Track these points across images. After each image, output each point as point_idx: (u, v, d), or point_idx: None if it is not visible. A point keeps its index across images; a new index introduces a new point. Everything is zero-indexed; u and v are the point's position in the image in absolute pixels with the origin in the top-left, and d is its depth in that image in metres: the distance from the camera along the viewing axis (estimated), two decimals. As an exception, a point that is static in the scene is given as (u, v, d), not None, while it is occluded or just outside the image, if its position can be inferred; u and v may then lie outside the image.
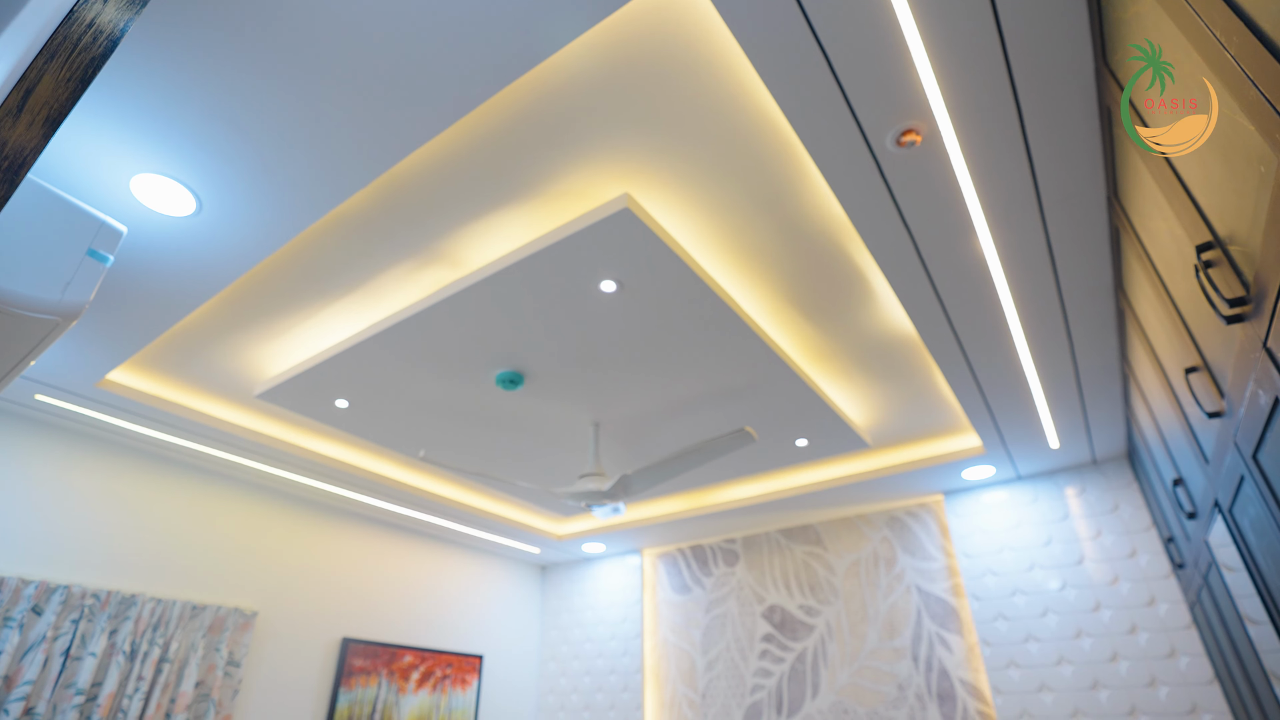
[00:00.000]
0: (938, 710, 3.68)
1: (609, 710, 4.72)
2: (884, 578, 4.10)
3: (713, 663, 4.50)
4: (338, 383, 2.89)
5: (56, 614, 2.96)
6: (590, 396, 2.95)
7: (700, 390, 2.93)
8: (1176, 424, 1.98)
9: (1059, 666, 3.33)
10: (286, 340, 2.76)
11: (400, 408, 3.10)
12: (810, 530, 4.49)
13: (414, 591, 4.54)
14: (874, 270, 2.35)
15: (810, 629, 4.22)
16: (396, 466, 3.93)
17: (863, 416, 3.37)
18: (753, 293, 2.47)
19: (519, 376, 2.71)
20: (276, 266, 2.34)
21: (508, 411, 3.13)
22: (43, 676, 2.89)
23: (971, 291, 2.23)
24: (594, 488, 2.68)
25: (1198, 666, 3.05)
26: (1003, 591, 3.59)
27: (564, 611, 5.31)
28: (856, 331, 2.71)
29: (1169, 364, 1.81)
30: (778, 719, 4.12)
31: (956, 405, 3.25)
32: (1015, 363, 2.64)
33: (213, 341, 2.76)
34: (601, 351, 2.63)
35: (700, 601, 4.73)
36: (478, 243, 2.23)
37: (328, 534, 4.18)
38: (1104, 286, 2.19)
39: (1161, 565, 3.27)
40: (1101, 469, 3.58)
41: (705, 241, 2.22)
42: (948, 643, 3.78)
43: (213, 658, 3.42)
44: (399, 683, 4.21)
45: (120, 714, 3.04)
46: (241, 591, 3.68)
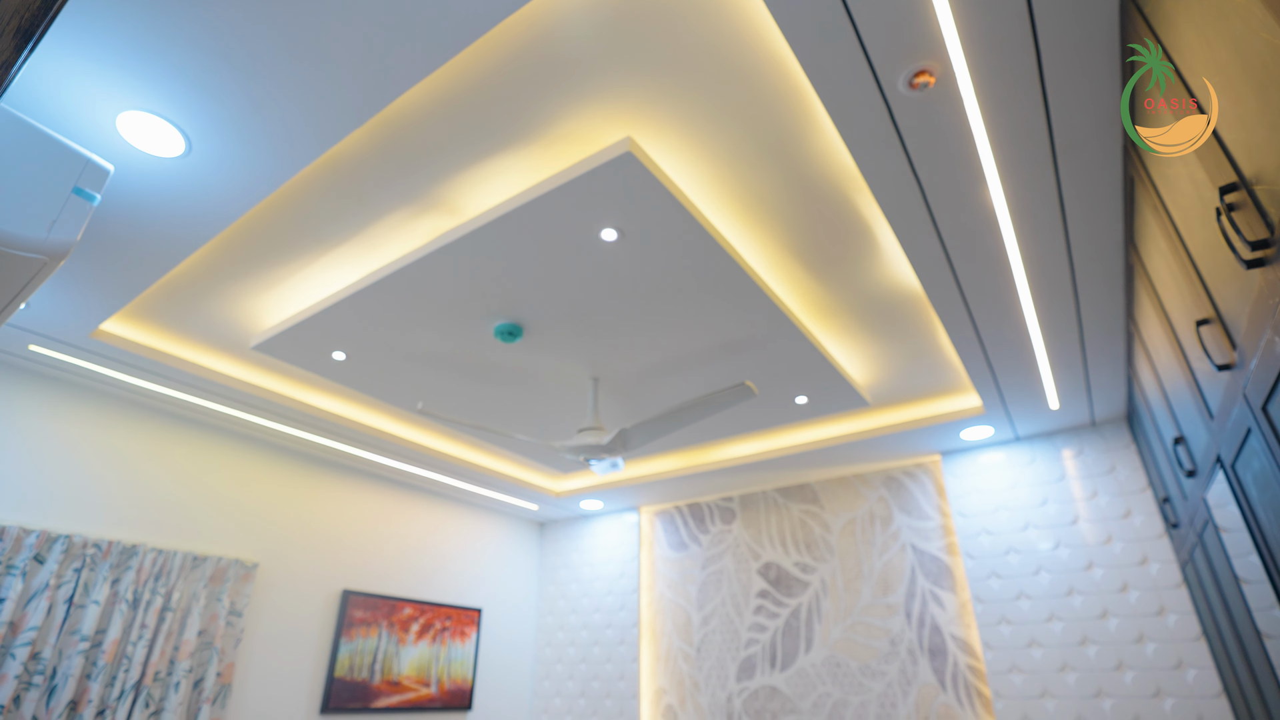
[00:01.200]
0: (928, 664, 3.74)
1: (605, 663, 4.81)
2: (879, 536, 4.14)
3: (708, 618, 4.57)
4: (334, 334, 2.86)
5: (59, 563, 2.97)
6: (589, 350, 2.92)
7: (700, 345, 2.91)
8: (1181, 380, 1.96)
9: (1049, 623, 3.38)
10: (282, 291, 2.72)
11: (398, 360, 3.08)
12: (807, 489, 4.52)
13: (413, 546, 4.58)
14: (880, 222, 2.30)
15: (805, 585, 4.28)
16: (396, 422, 3.92)
17: (863, 374, 3.35)
18: (755, 244, 2.43)
19: (518, 328, 2.68)
20: (270, 214, 2.29)
21: (506, 365, 3.10)
22: (47, 623, 2.92)
23: (979, 245, 2.19)
24: (593, 441, 2.68)
25: (1185, 624, 3.09)
26: (997, 550, 3.63)
27: (561, 567, 5.37)
28: (860, 286, 2.67)
29: (1178, 318, 1.78)
30: (771, 672, 4.20)
31: (958, 364, 3.23)
32: (1019, 320, 2.61)
33: (207, 292, 2.72)
34: (601, 303, 2.59)
35: (697, 558, 4.78)
36: (476, 189, 2.18)
37: (327, 489, 4.19)
38: (1114, 241, 2.15)
39: (1155, 525, 3.29)
40: (1100, 430, 3.58)
41: (708, 190, 2.17)
42: (940, 600, 3.83)
43: (215, 607, 3.45)
44: (399, 634, 4.27)
45: (125, 660, 3.08)
46: (242, 543, 3.71)
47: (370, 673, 4.06)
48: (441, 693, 4.40)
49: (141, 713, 3.07)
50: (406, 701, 4.19)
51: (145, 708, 3.09)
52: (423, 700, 4.28)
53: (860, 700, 3.87)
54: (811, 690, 4.03)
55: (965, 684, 3.62)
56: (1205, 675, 2.99)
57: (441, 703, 4.38)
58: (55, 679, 2.91)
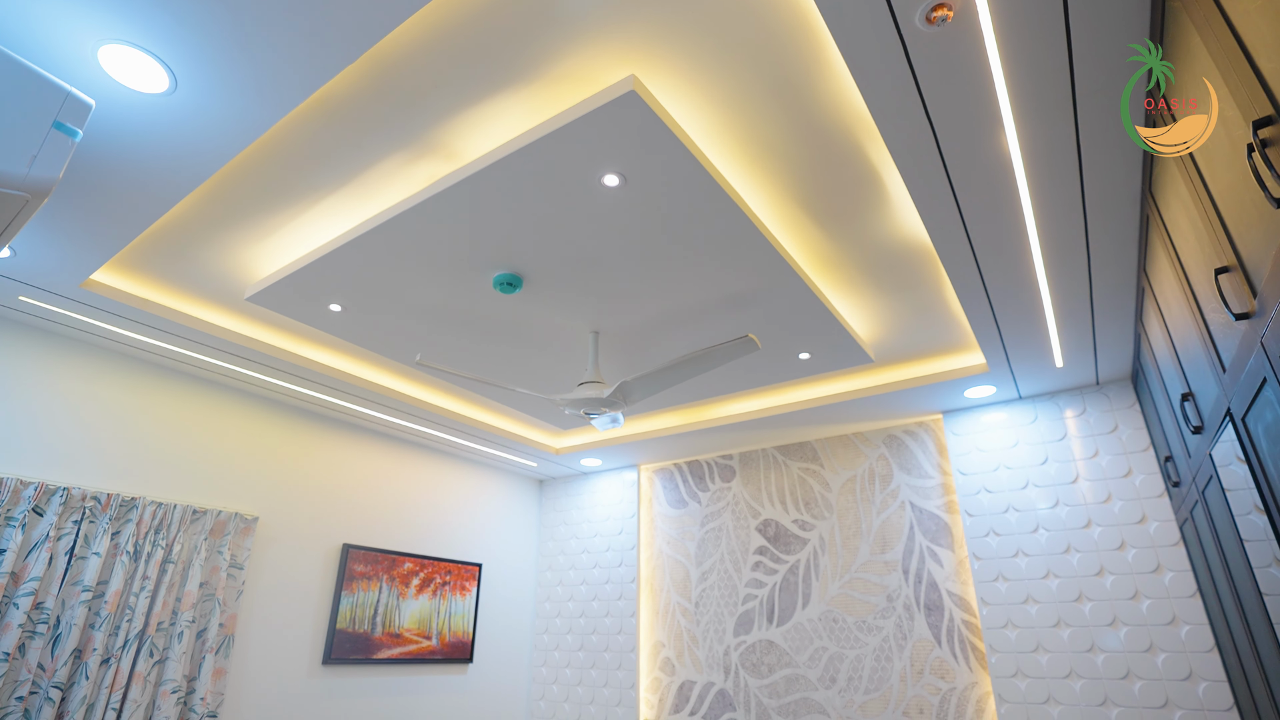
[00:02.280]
0: (924, 620, 3.79)
1: (604, 617, 4.87)
2: (879, 494, 4.15)
3: (706, 574, 4.61)
4: (330, 285, 2.80)
5: (57, 514, 2.97)
6: (590, 302, 2.88)
7: (702, 298, 2.86)
8: (1194, 334, 1.92)
9: (1046, 580, 3.40)
10: (276, 240, 2.66)
11: (396, 312, 3.03)
12: (808, 447, 4.52)
13: (413, 502, 4.60)
14: (890, 171, 2.24)
15: (804, 542, 4.31)
16: (395, 377, 3.89)
17: (867, 331, 3.32)
18: (761, 193, 2.36)
19: (517, 279, 2.63)
20: (262, 158, 2.22)
21: (506, 318, 3.06)
22: (49, 574, 2.93)
23: (991, 195, 2.13)
24: (593, 395, 2.65)
25: (1182, 581, 3.11)
26: (996, 508, 3.64)
27: (561, 524, 5.41)
28: (866, 239, 2.61)
29: (1194, 268, 1.74)
30: (769, 626, 4.26)
31: (963, 321, 3.19)
32: (1029, 275, 2.56)
33: (200, 241, 2.66)
34: (602, 253, 2.54)
35: (696, 515, 4.81)
36: (473, 132, 2.11)
37: (327, 444, 4.19)
38: (1131, 191, 2.09)
39: (1156, 485, 3.29)
40: (1104, 390, 3.56)
41: (713, 135, 2.10)
42: (938, 557, 3.86)
43: (215, 560, 3.47)
44: (399, 588, 4.31)
45: (128, 610, 3.11)
46: (241, 497, 3.71)
47: (372, 625, 4.11)
48: (443, 645, 4.47)
49: (146, 661, 3.11)
50: (408, 653, 4.25)
51: (150, 656, 3.13)
52: (424, 652, 4.34)
53: (856, 654, 3.92)
54: (808, 644, 4.09)
55: (960, 639, 3.66)
56: (1199, 631, 3.02)
57: (443, 655, 4.45)
58: (59, 628, 2.93)
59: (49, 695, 2.81)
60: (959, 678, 3.61)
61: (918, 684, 3.70)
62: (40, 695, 2.82)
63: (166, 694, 3.14)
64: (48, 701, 2.81)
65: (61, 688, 2.85)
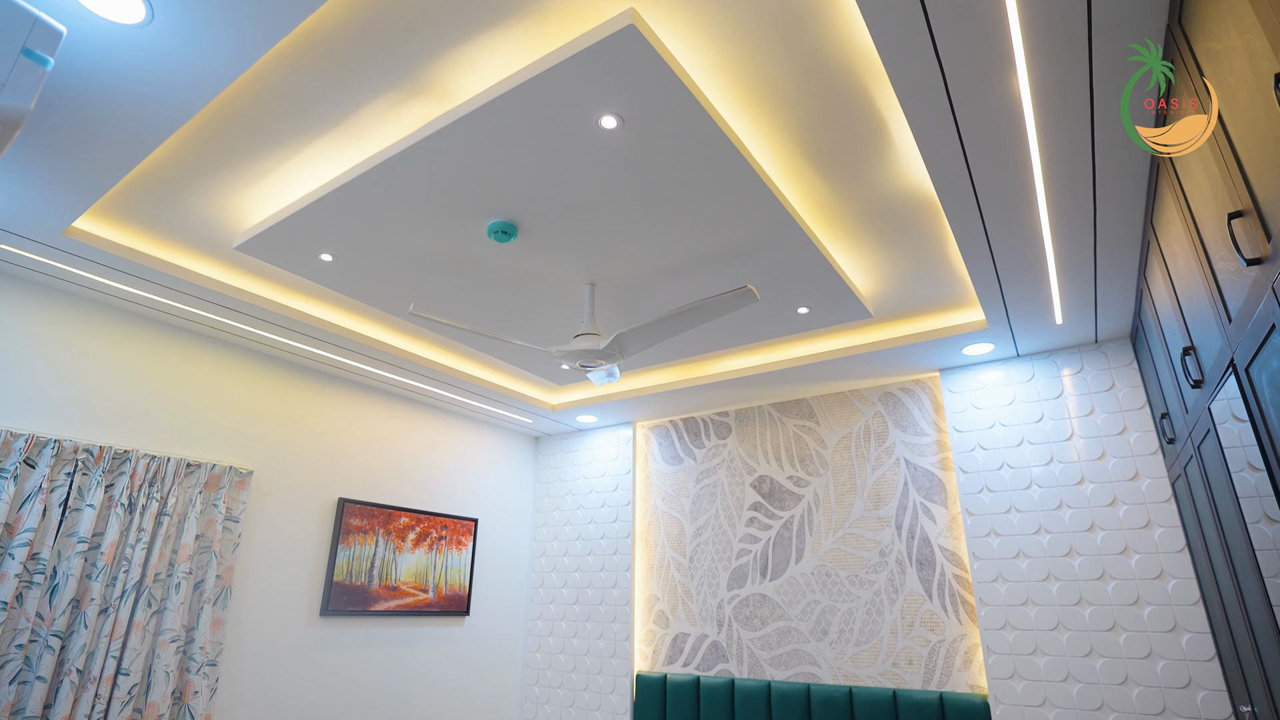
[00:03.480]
0: (916, 574, 3.83)
1: (599, 571, 4.92)
2: (874, 451, 4.17)
3: (701, 529, 4.65)
4: (321, 233, 2.74)
5: (50, 466, 2.95)
6: (586, 252, 2.82)
7: (701, 248, 2.81)
8: (1200, 285, 1.89)
9: (1038, 535, 3.44)
10: (264, 186, 2.59)
11: (388, 262, 2.98)
12: (803, 404, 4.52)
13: (409, 457, 4.60)
14: (895, 116, 2.17)
15: (798, 499, 4.34)
16: (389, 331, 3.85)
17: (866, 285, 3.28)
18: (763, 138, 2.30)
19: (512, 227, 2.57)
20: (248, 99, 2.14)
21: (501, 268, 3.00)
22: (43, 525, 2.93)
23: (998, 142, 2.07)
24: (589, 347, 2.61)
25: (1171, 537, 3.15)
26: (990, 465, 3.65)
27: (556, 481, 5.43)
28: (869, 189, 2.56)
29: (1206, 216, 1.70)
30: (762, 580, 4.31)
31: (964, 276, 3.15)
32: (1033, 227, 2.51)
33: (186, 188, 2.59)
34: (599, 200, 2.48)
35: (691, 472, 4.83)
36: (466, 71, 2.03)
37: (321, 399, 4.16)
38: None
39: (1150, 443, 3.30)
40: (1102, 348, 3.55)
41: (714, 75, 2.03)
42: (931, 513, 3.89)
43: (211, 513, 3.47)
44: (396, 542, 4.34)
45: (125, 561, 3.11)
46: (235, 451, 3.69)
47: (369, 578, 4.14)
48: (439, 598, 4.52)
49: (144, 611, 3.13)
50: (405, 606, 4.30)
51: (148, 607, 3.15)
52: (421, 605, 4.39)
53: (848, 607, 3.98)
54: (800, 598, 4.15)
55: (951, 592, 3.72)
56: (1185, 585, 3.07)
57: (439, 608, 4.50)
58: (56, 578, 2.93)
59: (49, 643, 2.83)
60: (948, 630, 3.67)
61: (908, 636, 3.77)
62: (40, 643, 2.84)
63: (166, 643, 3.17)
64: (48, 649, 2.83)
65: (61, 636, 2.87)
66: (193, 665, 3.26)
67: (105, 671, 2.96)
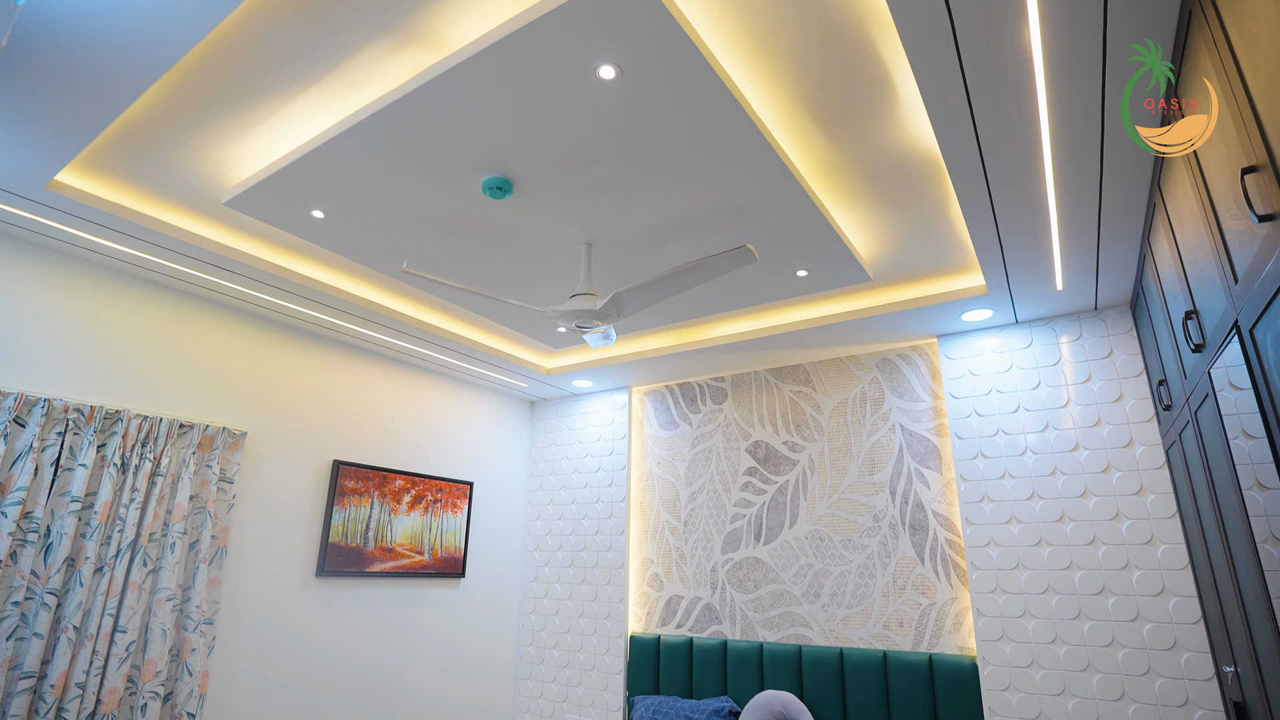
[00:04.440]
0: (909, 539, 3.87)
1: (594, 535, 4.96)
2: (870, 417, 4.17)
3: (696, 493, 4.67)
4: (311, 188, 2.68)
5: (40, 425, 2.93)
6: (583, 210, 2.77)
7: (699, 207, 2.76)
8: (1207, 247, 1.86)
9: (1030, 501, 3.46)
10: (253, 139, 2.52)
11: (381, 219, 2.92)
12: (800, 370, 4.51)
13: (404, 420, 4.58)
14: (902, 71, 2.11)
15: (793, 464, 4.35)
16: (383, 292, 3.80)
17: (866, 248, 3.24)
18: (765, 92, 2.24)
19: (507, 184, 2.51)
20: (233, 47, 2.07)
21: (496, 226, 2.95)
22: (35, 484, 2.91)
23: (1006, 98, 2.02)
24: (585, 307, 2.58)
25: (1162, 503, 3.17)
26: (986, 431, 3.66)
27: (552, 445, 5.44)
28: (872, 148, 2.50)
29: (1218, 173, 1.66)
30: (756, 544, 4.35)
31: (965, 241, 3.12)
32: (1038, 189, 2.47)
33: (172, 141, 2.52)
34: (596, 155, 2.42)
35: (687, 437, 4.84)
36: (460, 17, 1.96)
37: (315, 360, 4.13)
38: (1155, 93, 1.99)
39: (1146, 410, 3.30)
40: (1102, 315, 3.53)
41: (717, 24, 1.96)
42: (925, 478, 3.91)
43: (205, 473, 3.46)
44: (391, 504, 4.35)
45: (119, 520, 3.10)
46: (228, 412, 3.67)
47: (364, 539, 4.16)
48: (435, 560, 4.55)
49: (140, 570, 3.13)
50: (401, 567, 4.32)
51: (143, 565, 3.15)
52: (417, 566, 4.42)
53: (840, 571, 4.02)
54: (794, 561, 4.18)
55: (943, 557, 3.75)
56: (1174, 550, 3.10)
57: (435, 569, 4.53)
58: (50, 537, 2.93)
59: (44, 601, 2.84)
60: (939, 594, 3.72)
61: (899, 599, 3.81)
62: (36, 601, 2.84)
63: (162, 601, 3.18)
64: (44, 607, 2.83)
65: (56, 594, 2.87)
66: (189, 624, 3.28)
67: (102, 629, 2.97)
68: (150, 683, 3.09)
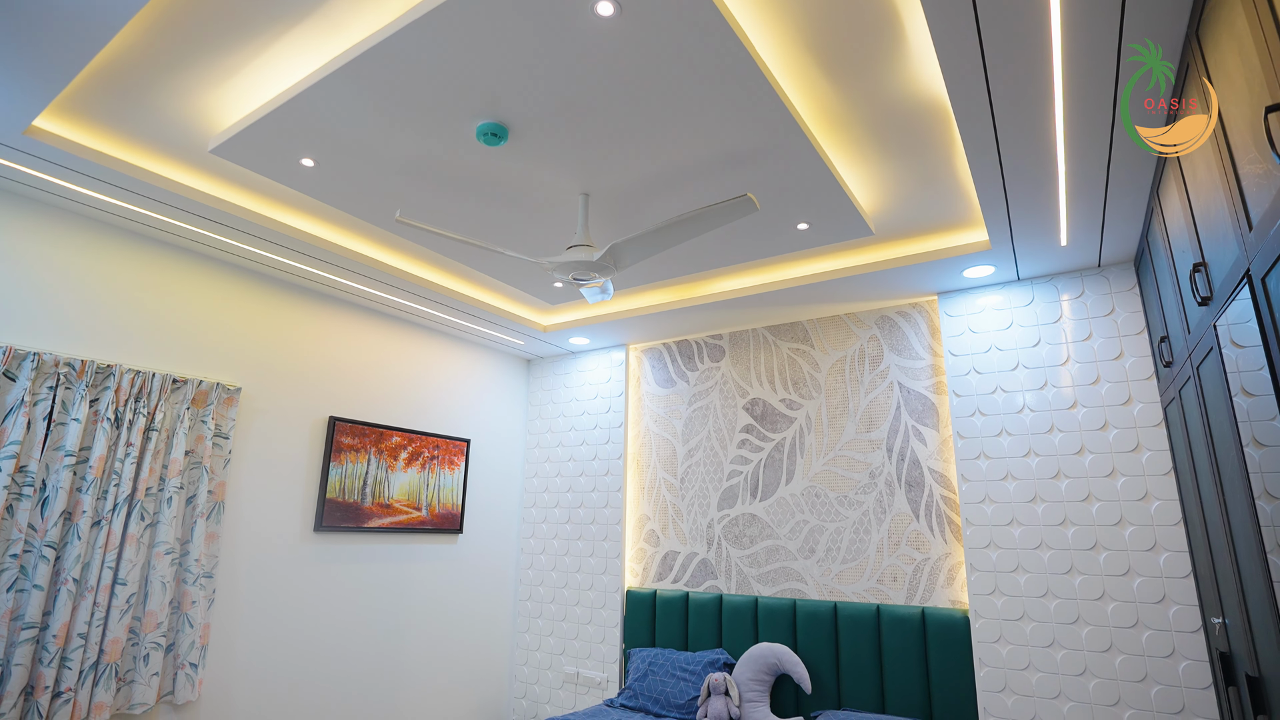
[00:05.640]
0: (904, 495, 3.89)
1: (591, 492, 4.98)
2: (868, 375, 4.16)
3: (693, 451, 4.68)
4: (301, 135, 2.60)
5: (30, 379, 2.89)
6: (580, 158, 2.69)
7: (699, 155, 2.68)
8: (1220, 194, 1.81)
9: (1027, 458, 3.47)
10: (238, 82, 2.43)
11: (373, 168, 2.84)
12: (798, 328, 4.48)
13: (400, 377, 4.56)
14: (911, 10, 2.03)
15: (790, 421, 4.35)
16: (377, 247, 3.73)
17: (869, 201, 3.17)
18: (769, 33, 2.15)
19: (502, 129, 2.43)
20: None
21: (491, 176, 2.88)
22: (28, 438, 2.89)
23: (1019, 43, 1.95)
24: (582, 258, 2.53)
25: (1158, 460, 3.18)
26: (984, 388, 3.65)
27: (548, 403, 5.43)
28: (878, 94, 2.43)
29: (1238, 116, 1.61)
30: (752, 500, 4.38)
31: (969, 194, 3.06)
32: (1047, 139, 2.41)
33: (154, 84, 2.43)
34: (594, 98, 2.34)
35: (684, 395, 4.83)
36: (449, -52, 1.87)
37: (309, 316, 4.08)
38: (1175, 34, 1.91)
39: (1145, 368, 3.29)
40: (1105, 272, 3.49)
41: (721, -42, 1.88)
42: (922, 435, 3.91)
43: (200, 429, 3.44)
44: (388, 460, 4.35)
45: (115, 475, 3.09)
46: (222, 367, 3.63)
47: (361, 495, 4.17)
48: (432, 516, 4.57)
49: (138, 524, 3.13)
50: (398, 523, 4.34)
51: (141, 520, 3.15)
52: (414, 522, 4.44)
53: (835, 527, 4.06)
54: (789, 517, 4.22)
55: (938, 513, 3.78)
56: (1168, 507, 3.12)
57: (433, 525, 4.56)
58: (46, 491, 2.92)
59: (43, 554, 2.84)
60: (933, 549, 3.75)
61: (893, 554, 3.85)
62: (34, 554, 2.84)
63: (160, 555, 3.19)
64: (42, 560, 2.84)
65: (55, 547, 2.87)
66: (189, 577, 3.30)
67: (102, 581, 2.98)
68: (152, 633, 3.12)
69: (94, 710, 2.92)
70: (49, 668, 2.79)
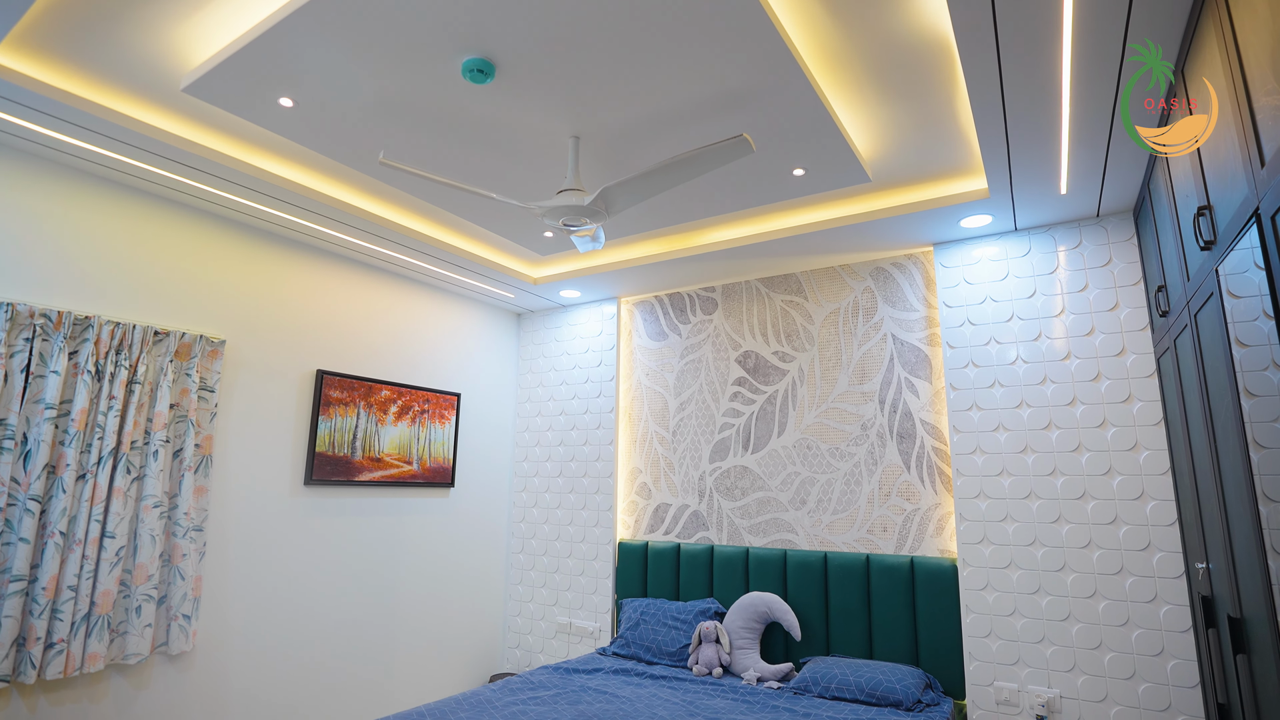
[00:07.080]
0: (896, 447, 3.90)
1: (583, 445, 4.98)
2: (861, 327, 4.13)
3: (685, 404, 4.67)
4: (278, 72, 2.48)
5: (6, 330, 2.81)
6: (570, 97, 2.59)
7: (694, 95, 2.58)
8: (1232, 130, 1.76)
9: (1019, 409, 3.47)
10: (209, 14, 2.30)
11: (355, 108, 2.73)
12: (792, 279, 4.43)
13: (389, 330, 4.49)
14: (919, -64, 1.93)
15: (783, 374, 4.34)
16: (362, 195, 3.62)
17: (867, 146, 3.09)
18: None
19: (489, 65, 2.33)
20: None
21: (478, 117, 2.77)
22: (6, 391, 2.82)
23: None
24: (573, 203, 2.45)
25: (1149, 411, 3.19)
26: (978, 340, 3.63)
27: (539, 357, 5.38)
28: (880, 30, 2.33)
29: (1259, 43, 1.54)
30: (744, 453, 4.38)
31: (970, 139, 2.98)
32: (1053, 79, 2.33)
33: (120, 15, 2.29)
34: (584, 33, 2.23)
35: (676, 348, 4.79)
36: None
37: (295, 267, 3.98)
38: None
39: (1140, 319, 3.28)
40: (1103, 222, 3.44)
41: (720, -125, 1.77)
42: (915, 387, 3.91)
43: (184, 382, 3.38)
44: (378, 414, 4.31)
45: (98, 428, 3.04)
46: (205, 319, 3.55)
47: (351, 449, 4.14)
48: (424, 470, 4.56)
49: (124, 478, 3.09)
50: (389, 476, 4.33)
51: (127, 473, 3.11)
52: (405, 476, 4.43)
53: (827, 479, 4.08)
54: (781, 469, 4.23)
55: (929, 464, 3.80)
56: (1156, 456, 3.14)
57: (424, 479, 4.55)
58: (27, 444, 2.87)
59: (28, 507, 2.80)
60: (923, 500, 3.78)
61: (884, 505, 3.88)
62: (19, 507, 2.80)
63: (149, 508, 3.16)
64: (27, 513, 2.80)
65: (39, 500, 2.83)
66: (179, 530, 3.27)
67: (90, 534, 2.95)
68: (143, 585, 3.11)
69: (88, 660, 2.92)
70: (39, 619, 2.78)
